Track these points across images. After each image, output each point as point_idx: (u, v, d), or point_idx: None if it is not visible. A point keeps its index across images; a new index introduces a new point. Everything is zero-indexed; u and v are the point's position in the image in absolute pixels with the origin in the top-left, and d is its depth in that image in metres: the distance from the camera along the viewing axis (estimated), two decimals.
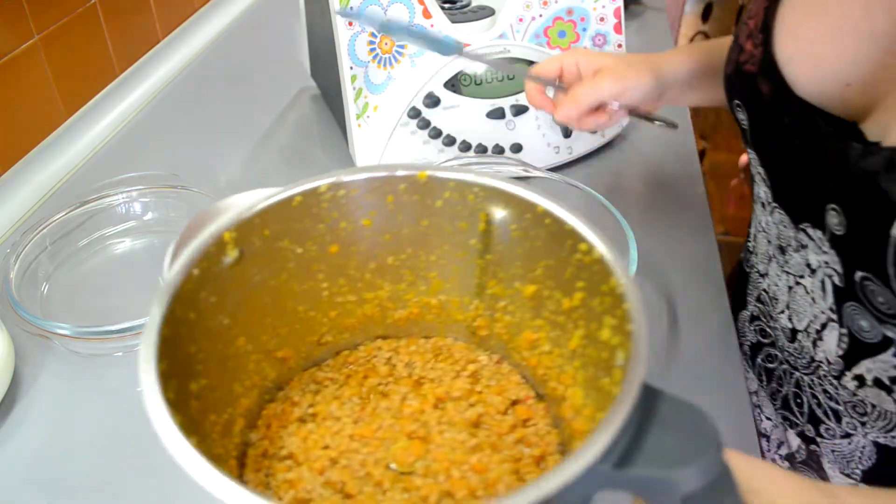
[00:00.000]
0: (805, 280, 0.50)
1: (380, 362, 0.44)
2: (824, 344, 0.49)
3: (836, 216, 0.43)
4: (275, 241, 0.39)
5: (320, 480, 0.37)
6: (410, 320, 0.45)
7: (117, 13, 0.92)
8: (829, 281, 0.46)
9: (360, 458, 0.38)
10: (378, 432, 0.40)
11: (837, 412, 0.50)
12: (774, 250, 0.53)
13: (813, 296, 0.49)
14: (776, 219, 0.51)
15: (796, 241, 0.49)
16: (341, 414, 0.40)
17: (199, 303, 0.35)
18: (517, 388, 0.42)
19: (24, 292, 0.61)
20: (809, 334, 0.51)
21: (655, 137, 0.88)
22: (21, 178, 0.78)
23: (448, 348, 0.45)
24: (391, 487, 0.36)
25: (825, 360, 0.49)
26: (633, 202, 0.79)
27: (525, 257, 0.39)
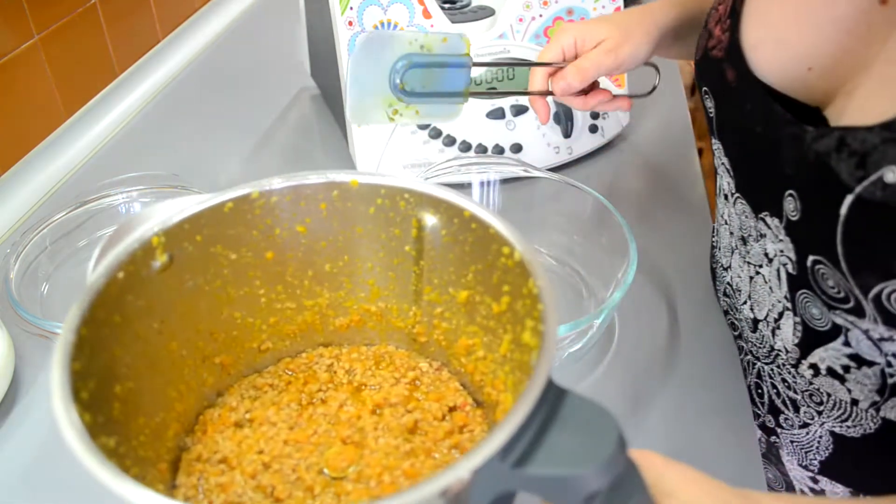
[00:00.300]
0: (763, 269, 0.50)
1: (320, 369, 0.44)
2: (782, 332, 0.49)
3: (793, 202, 0.43)
4: (207, 247, 0.39)
5: (251, 484, 0.37)
6: (352, 328, 0.45)
7: (117, 13, 0.92)
8: (784, 269, 0.47)
9: (292, 462, 0.38)
10: (313, 437, 0.40)
11: (795, 402, 0.51)
12: (737, 241, 0.54)
13: (770, 285, 0.49)
14: (738, 209, 0.52)
15: (756, 230, 0.49)
16: (278, 419, 0.40)
17: (126, 306, 0.35)
18: (455, 395, 0.42)
19: (24, 292, 0.61)
20: (769, 323, 0.51)
21: (655, 137, 0.88)
22: (21, 178, 0.78)
23: (390, 356, 0.45)
24: (322, 492, 0.37)
25: (783, 349, 0.50)
26: (634, 202, 0.79)
27: (457, 262, 0.40)
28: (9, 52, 0.74)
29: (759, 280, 0.51)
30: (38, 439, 0.53)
